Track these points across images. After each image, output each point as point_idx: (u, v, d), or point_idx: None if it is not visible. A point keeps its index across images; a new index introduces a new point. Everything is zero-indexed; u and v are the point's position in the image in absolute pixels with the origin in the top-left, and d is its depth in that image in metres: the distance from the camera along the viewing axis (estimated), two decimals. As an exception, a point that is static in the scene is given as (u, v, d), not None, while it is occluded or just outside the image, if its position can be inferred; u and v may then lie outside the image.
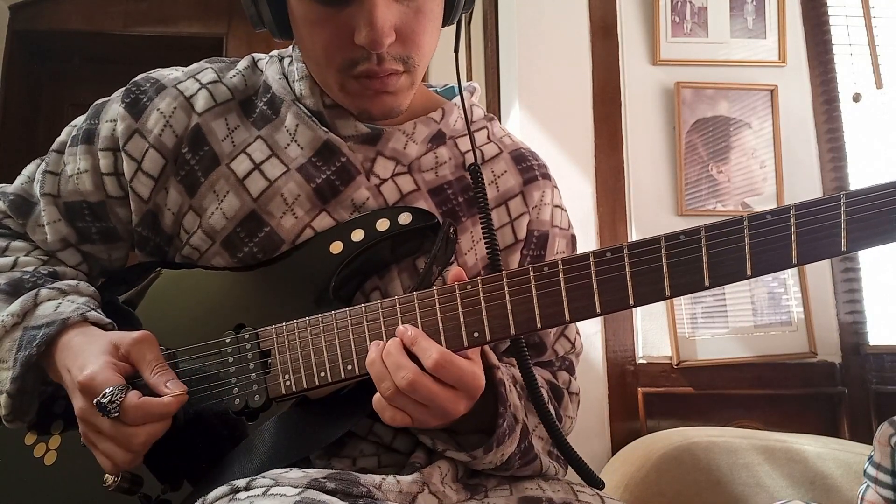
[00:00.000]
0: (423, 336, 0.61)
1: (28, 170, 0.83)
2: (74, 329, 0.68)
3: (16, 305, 0.70)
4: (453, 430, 0.69)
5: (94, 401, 0.62)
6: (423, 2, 0.67)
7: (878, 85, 1.83)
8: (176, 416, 0.66)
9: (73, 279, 0.77)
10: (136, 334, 0.67)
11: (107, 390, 0.62)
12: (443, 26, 0.73)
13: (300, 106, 0.75)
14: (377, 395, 0.61)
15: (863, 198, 0.54)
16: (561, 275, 0.60)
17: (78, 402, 0.64)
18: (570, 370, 0.85)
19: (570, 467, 0.76)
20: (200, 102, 0.76)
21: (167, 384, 0.64)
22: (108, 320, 0.71)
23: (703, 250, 0.57)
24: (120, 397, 0.62)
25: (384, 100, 0.70)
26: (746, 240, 0.57)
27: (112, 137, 0.76)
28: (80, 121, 0.81)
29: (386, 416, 0.61)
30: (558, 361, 0.84)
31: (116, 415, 0.61)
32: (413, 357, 0.60)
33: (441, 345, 0.62)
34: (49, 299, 0.71)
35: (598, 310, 0.60)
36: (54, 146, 0.81)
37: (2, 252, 0.79)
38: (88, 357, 0.65)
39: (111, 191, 0.77)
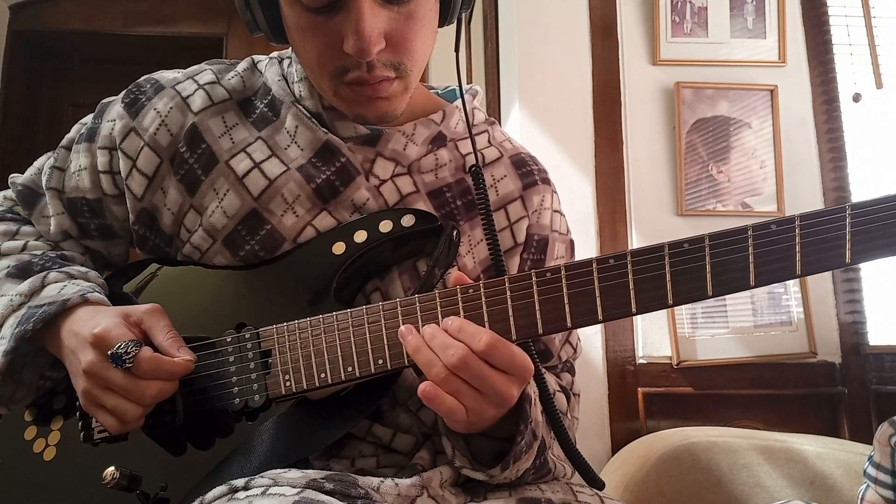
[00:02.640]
0: (469, 322, 0.61)
1: (39, 161, 0.85)
2: (78, 308, 0.69)
3: (24, 286, 0.72)
4: (475, 432, 0.68)
5: (109, 352, 0.63)
6: (415, 7, 0.66)
7: (878, 85, 1.83)
8: (176, 413, 0.67)
9: (82, 265, 0.78)
10: (147, 305, 0.68)
11: (121, 343, 0.63)
12: (441, 26, 0.73)
13: (300, 107, 0.76)
14: (427, 388, 0.60)
15: (868, 209, 0.54)
16: (563, 280, 0.60)
17: (87, 357, 0.65)
18: (572, 371, 0.85)
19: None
20: (197, 102, 0.76)
21: (178, 349, 0.66)
22: (110, 304, 0.72)
23: (707, 259, 0.57)
24: (135, 349, 0.63)
25: (378, 105, 0.70)
26: (750, 249, 0.56)
27: (110, 136, 0.77)
28: (88, 119, 0.82)
29: (442, 407, 0.60)
30: (560, 364, 0.84)
31: (130, 365, 0.63)
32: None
33: None
34: (56, 281, 0.72)
35: (600, 316, 0.60)
36: (63, 142, 0.83)
37: (12, 236, 0.81)
38: (101, 319, 0.66)
39: (107, 188, 0.78)
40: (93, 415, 0.67)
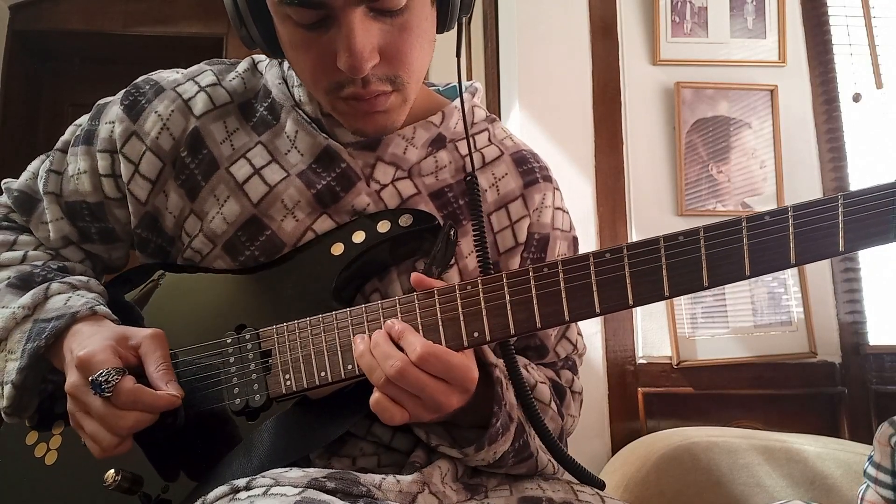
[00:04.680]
0: (409, 330, 0.62)
1: (33, 166, 0.84)
2: (83, 322, 0.69)
3: (27, 298, 0.71)
4: (452, 423, 0.69)
5: (90, 378, 0.62)
6: (408, 17, 0.64)
7: (878, 85, 1.83)
8: (177, 415, 0.67)
9: (83, 275, 0.77)
10: (149, 330, 0.68)
11: (103, 370, 0.62)
12: (441, 32, 0.72)
13: (300, 112, 0.75)
14: (374, 394, 0.62)
15: (860, 199, 0.55)
16: (560, 275, 0.61)
17: (71, 378, 0.64)
18: (573, 369, 0.85)
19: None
20: (199, 105, 0.75)
21: (167, 384, 0.65)
22: (115, 317, 0.72)
23: (702, 251, 0.58)
24: (116, 378, 0.62)
25: (376, 119, 0.69)
26: (745, 240, 0.57)
27: (110, 139, 0.76)
28: (83, 120, 0.81)
29: (385, 414, 0.61)
30: (561, 361, 0.84)
31: (109, 395, 0.62)
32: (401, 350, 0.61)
33: (441, 344, 0.62)
34: (59, 293, 0.72)
35: (597, 310, 0.60)
36: (58, 145, 0.82)
37: (10, 246, 0.80)
38: (94, 340, 0.66)
39: (109, 192, 0.78)
40: (79, 434, 0.66)
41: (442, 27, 0.71)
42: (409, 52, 0.66)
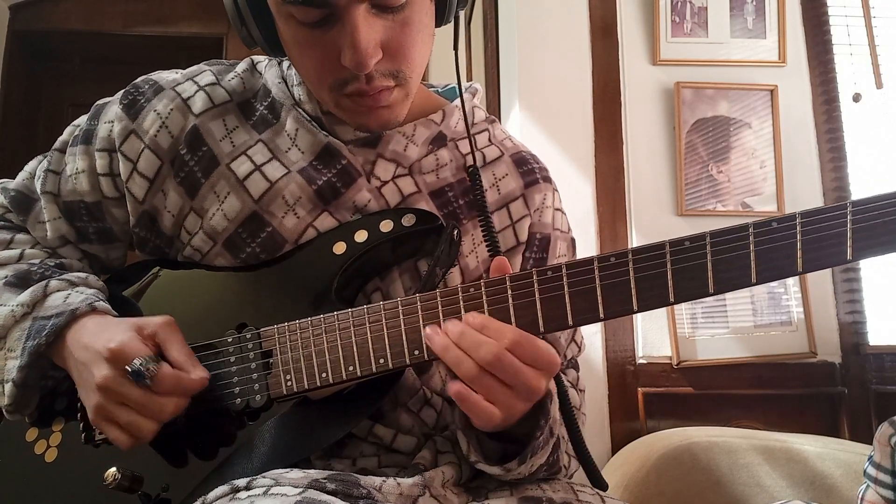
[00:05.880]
0: (492, 320, 0.60)
1: (30, 166, 0.83)
2: (85, 318, 0.69)
3: (25, 296, 0.70)
4: (482, 438, 0.68)
5: (128, 367, 0.62)
6: (410, 13, 0.65)
7: (878, 85, 1.83)
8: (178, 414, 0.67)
9: (81, 271, 0.77)
10: (160, 317, 0.67)
11: (140, 359, 0.62)
12: (438, 26, 0.73)
13: (300, 111, 0.75)
14: (461, 390, 0.59)
15: (869, 206, 0.54)
16: (565, 279, 0.60)
17: (102, 372, 0.63)
18: (576, 367, 0.86)
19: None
20: (198, 104, 0.76)
21: (194, 366, 0.65)
22: (115, 312, 0.71)
23: (708, 257, 0.57)
24: (155, 366, 0.63)
25: (380, 114, 0.70)
26: (751, 247, 0.56)
27: (109, 138, 0.76)
28: (82, 120, 0.81)
29: (476, 409, 0.59)
30: (566, 362, 0.85)
31: (150, 382, 0.62)
32: None
33: None
34: (58, 290, 0.71)
35: (601, 314, 0.60)
36: (56, 145, 0.81)
37: (7, 244, 0.79)
38: (114, 332, 0.65)
39: (107, 191, 0.77)
40: (102, 430, 0.66)
41: (440, 21, 0.72)
42: (411, 47, 0.67)
